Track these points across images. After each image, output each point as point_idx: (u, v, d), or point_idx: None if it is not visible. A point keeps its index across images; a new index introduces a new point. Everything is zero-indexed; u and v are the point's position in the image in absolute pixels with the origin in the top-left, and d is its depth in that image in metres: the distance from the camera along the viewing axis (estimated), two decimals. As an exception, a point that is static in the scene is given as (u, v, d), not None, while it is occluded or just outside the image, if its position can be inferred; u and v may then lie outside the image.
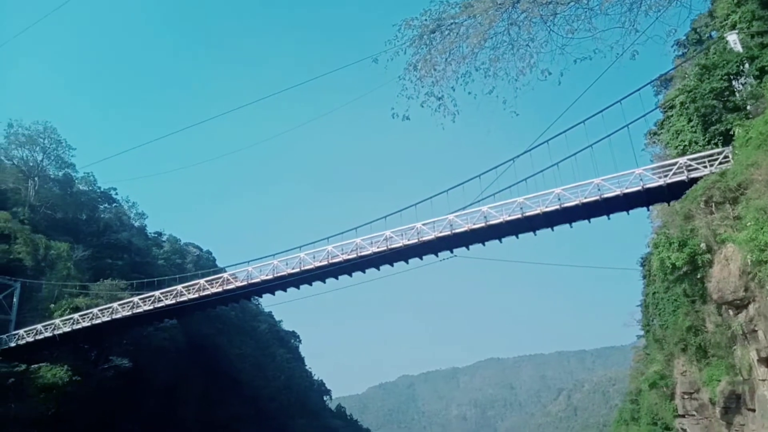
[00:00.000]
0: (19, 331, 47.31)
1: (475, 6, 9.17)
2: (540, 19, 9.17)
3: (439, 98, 9.85)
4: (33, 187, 73.77)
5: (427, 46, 9.61)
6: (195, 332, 73.15)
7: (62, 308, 51.00)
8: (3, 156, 77.02)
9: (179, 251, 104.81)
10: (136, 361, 54.60)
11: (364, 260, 39.96)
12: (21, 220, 61.63)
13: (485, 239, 38.37)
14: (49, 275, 55.51)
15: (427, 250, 39.57)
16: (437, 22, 9.44)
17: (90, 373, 49.85)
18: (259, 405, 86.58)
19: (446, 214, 37.88)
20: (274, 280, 41.36)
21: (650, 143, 44.25)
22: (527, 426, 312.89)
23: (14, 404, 40.45)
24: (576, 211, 34.67)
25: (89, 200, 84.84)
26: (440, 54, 9.55)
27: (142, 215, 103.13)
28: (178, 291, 43.53)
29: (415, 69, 9.71)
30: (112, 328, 47.60)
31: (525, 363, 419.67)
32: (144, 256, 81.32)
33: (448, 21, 9.41)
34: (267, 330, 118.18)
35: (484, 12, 9.09)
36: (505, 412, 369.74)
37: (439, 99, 9.85)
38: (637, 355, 63.87)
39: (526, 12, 9.11)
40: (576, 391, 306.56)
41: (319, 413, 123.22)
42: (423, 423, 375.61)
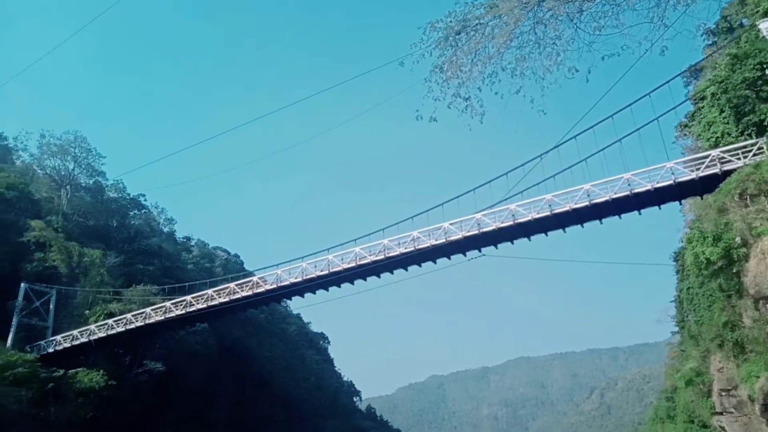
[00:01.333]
0: (57, 337, 48.47)
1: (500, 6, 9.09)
2: (566, 16, 9.05)
3: (465, 99, 9.79)
4: (65, 195, 75.42)
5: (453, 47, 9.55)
6: (226, 335, 74.00)
7: (97, 314, 52.04)
8: (36, 166, 79.07)
9: (208, 255, 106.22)
10: (169, 365, 55.42)
11: (392, 261, 40.03)
12: (55, 229, 62.98)
13: (514, 238, 38.11)
14: (83, 282, 56.65)
15: (455, 250, 39.41)
16: (462, 23, 9.38)
17: (125, 377, 50.77)
18: (291, 406, 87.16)
19: (473, 213, 37.73)
20: (303, 282, 41.63)
21: (681, 136, 43.37)
22: (559, 425, 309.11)
23: (54, 408, 41.43)
24: (606, 207, 34.20)
25: (119, 207, 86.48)
26: (466, 55, 9.48)
27: (171, 221, 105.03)
28: (209, 295, 44.13)
29: (441, 71, 9.66)
30: (146, 333, 48.48)
31: (556, 361, 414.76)
32: (174, 261, 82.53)
33: (473, 22, 9.34)
34: (296, 332, 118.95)
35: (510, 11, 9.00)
36: (537, 412, 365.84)
37: (465, 100, 9.80)
38: (672, 352, 62.66)
39: (552, 10, 8.98)
40: (609, 390, 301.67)
41: (350, 414, 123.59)
42: (453, 423, 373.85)
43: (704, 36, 42.23)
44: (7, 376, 39.67)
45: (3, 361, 40.58)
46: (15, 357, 42.27)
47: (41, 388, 41.42)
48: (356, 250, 40.53)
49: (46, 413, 40.61)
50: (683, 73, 41.92)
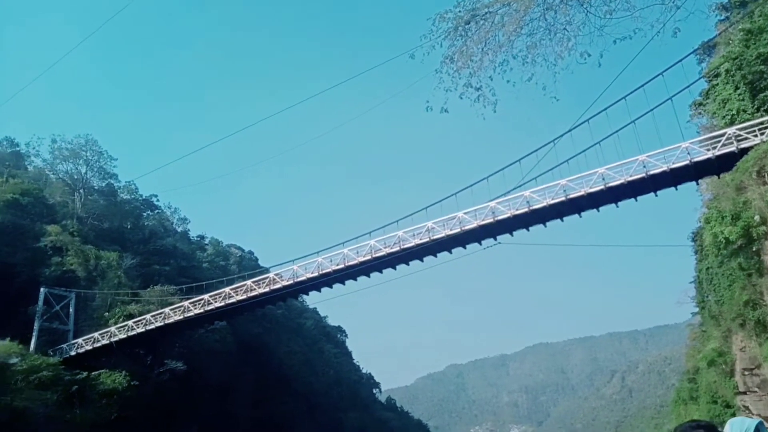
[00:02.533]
0: (78, 340, 49.08)
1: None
2: (576, 1, 8.91)
3: (477, 89, 9.66)
4: (79, 199, 76.05)
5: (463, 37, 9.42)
6: (244, 332, 74.50)
7: (116, 316, 52.61)
8: (49, 171, 79.77)
9: (222, 253, 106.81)
10: (189, 364, 55.93)
11: (408, 253, 40.09)
12: (71, 233, 63.61)
13: (529, 224, 38.01)
14: (101, 284, 57.24)
15: (470, 239, 39.36)
16: (471, 12, 9.26)
17: (147, 377, 51.31)
18: (311, 400, 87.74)
19: (487, 202, 37.60)
20: (320, 277, 41.77)
21: (696, 114, 42.80)
22: (581, 410, 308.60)
23: (79, 410, 41.97)
24: (621, 190, 33.97)
25: (133, 209, 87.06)
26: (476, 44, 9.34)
27: (184, 220, 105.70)
28: (227, 293, 44.42)
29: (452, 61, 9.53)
30: (165, 333, 48.94)
31: (575, 346, 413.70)
32: (189, 261, 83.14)
33: (482, 11, 9.22)
34: (313, 326, 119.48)
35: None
36: (558, 397, 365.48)
37: (477, 89, 9.67)
38: (693, 333, 62.14)
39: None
40: (630, 373, 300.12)
41: (370, 406, 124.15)
42: (474, 411, 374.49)
43: (717, 12, 41.55)
44: (33, 380, 40.23)
45: (27, 365, 41.14)
46: (39, 361, 42.85)
47: (66, 391, 42.01)
48: (371, 243, 40.59)
49: (71, 415, 41.16)
50: (696, 50, 41.29)
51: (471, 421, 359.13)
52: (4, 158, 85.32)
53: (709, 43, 41.04)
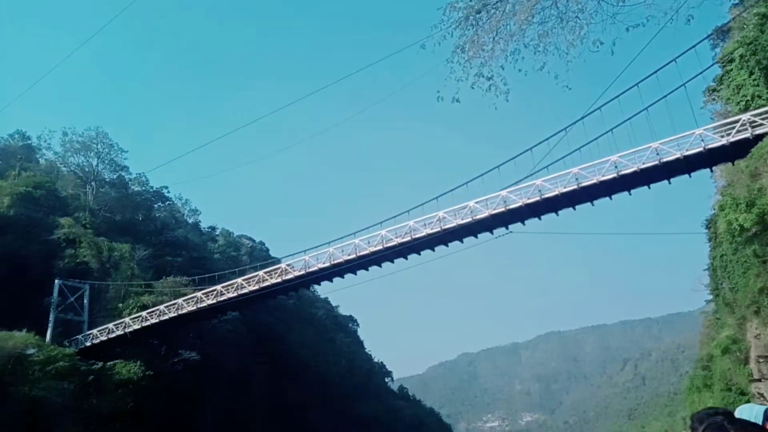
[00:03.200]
0: (93, 331, 49.61)
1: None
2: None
3: (488, 78, 9.59)
4: (91, 191, 76.68)
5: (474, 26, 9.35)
6: (256, 322, 74.98)
7: (130, 307, 53.16)
8: (60, 164, 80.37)
9: (233, 244, 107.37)
10: (203, 354, 56.42)
11: (419, 242, 40.13)
12: (83, 225, 64.17)
13: (541, 213, 37.88)
14: (114, 276, 57.80)
15: (482, 228, 39.29)
16: (482, 1, 9.19)
17: (161, 367, 51.84)
18: (324, 390, 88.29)
19: (499, 191, 37.46)
20: (331, 267, 41.91)
21: (709, 101, 42.19)
22: (594, 398, 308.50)
23: (95, 400, 42.57)
24: (634, 177, 33.76)
25: (144, 200, 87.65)
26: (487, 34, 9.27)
27: (195, 211, 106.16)
28: (239, 284, 44.66)
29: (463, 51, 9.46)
30: (179, 323, 49.33)
31: (588, 334, 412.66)
32: (201, 252, 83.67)
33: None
34: (325, 316, 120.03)
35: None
36: (570, 385, 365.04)
37: (488, 79, 9.60)
38: (707, 321, 61.77)
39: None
40: (643, 361, 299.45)
41: (383, 395, 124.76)
42: (486, 400, 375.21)
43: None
44: (50, 371, 40.81)
45: (44, 356, 41.74)
46: (55, 352, 43.45)
47: (82, 381, 42.59)
48: (382, 233, 40.63)
49: (88, 405, 41.78)
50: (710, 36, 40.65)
51: (483, 410, 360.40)
52: (16, 152, 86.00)
53: (722, 27, 40.35)
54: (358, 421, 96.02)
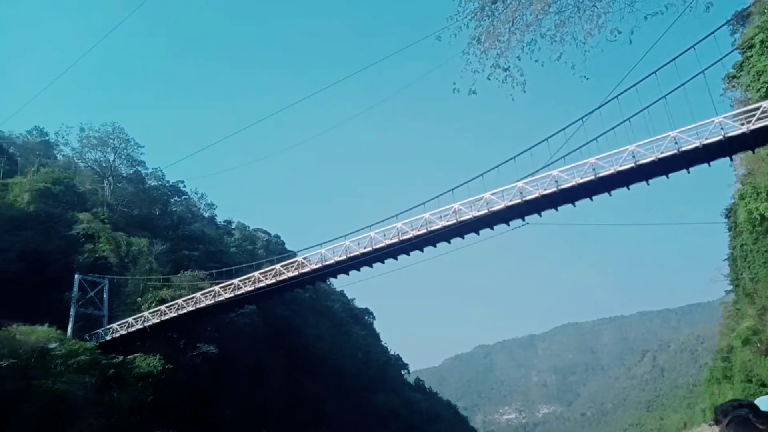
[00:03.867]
0: (113, 325, 50.08)
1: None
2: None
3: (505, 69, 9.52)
4: (108, 186, 77.32)
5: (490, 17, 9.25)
6: (273, 316, 75.33)
7: (149, 301, 53.57)
8: (78, 159, 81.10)
9: (249, 237, 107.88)
10: (221, 347, 56.82)
11: (434, 235, 39.94)
12: (102, 220, 64.74)
13: (558, 204, 37.49)
14: (132, 270, 58.29)
15: (498, 220, 38.98)
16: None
17: (180, 360, 52.29)
18: (341, 382, 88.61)
19: (515, 182, 37.10)
20: (347, 260, 41.83)
21: (729, 88, 41.49)
22: (611, 389, 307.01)
23: (116, 393, 43.00)
24: (652, 167, 33.27)
25: (160, 195, 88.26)
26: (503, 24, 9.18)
27: (211, 206, 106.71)
28: (256, 277, 44.75)
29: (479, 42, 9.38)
30: (197, 317, 49.61)
31: (605, 326, 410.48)
32: (217, 246, 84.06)
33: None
34: (341, 308, 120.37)
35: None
36: (587, 377, 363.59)
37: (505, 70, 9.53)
38: (727, 311, 61.15)
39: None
40: (661, 352, 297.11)
41: (399, 387, 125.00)
42: (503, 392, 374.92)
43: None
44: (71, 364, 41.28)
45: (66, 349, 42.22)
46: (76, 346, 43.92)
47: (103, 375, 43.02)
48: (398, 225, 40.45)
49: (109, 398, 42.22)
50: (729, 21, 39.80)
51: (500, 402, 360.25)
52: (34, 148, 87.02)
53: (743, 13, 39.53)
54: (375, 414, 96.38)
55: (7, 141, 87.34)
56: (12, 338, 38.86)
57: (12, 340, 38.69)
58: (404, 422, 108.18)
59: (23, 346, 39.00)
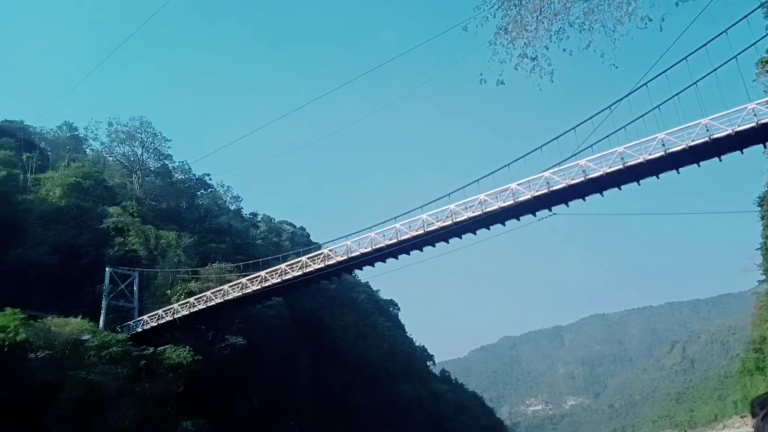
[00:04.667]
0: (143, 317, 50.95)
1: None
2: None
3: (533, 59, 9.44)
4: (137, 180, 78.55)
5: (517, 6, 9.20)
6: (299, 307, 75.87)
7: (177, 293, 54.28)
8: (106, 154, 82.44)
9: (275, 230, 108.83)
10: (248, 338, 57.31)
11: (460, 226, 39.76)
12: (131, 213, 65.73)
13: (585, 194, 37.02)
14: (161, 263, 59.09)
15: (524, 211, 38.63)
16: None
17: (209, 352, 52.95)
18: (366, 373, 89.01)
19: (542, 172, 36.64)
20: (373, 252, 41.86)
21: (762, 73, 40.41)
22: (640, 381, 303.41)
23: (147, 383, 43.70)
24: (683, 155, 32.67)
25: (187, 188, 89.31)
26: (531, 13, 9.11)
27: (237, 198, 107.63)
28: (282, 269, 45.05)
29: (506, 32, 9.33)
30: (225, 309, 50.21)
31: (633, 317, 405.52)
32: (244, 238, 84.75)
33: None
34: (366, 300, 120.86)
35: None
36: (615, 369, 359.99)
37: (533, 60, 9.45)
38: (759, 302, 59.81)
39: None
40: (691, 343, 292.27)
41: (425, 378, 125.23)
42: (529, 383, 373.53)
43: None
44: (104, 356, 42.08)
45: (98, 341, 43.03)
46: (109, 337, 44.73)
47: (134, 366, 43.73)
48: (423, 217, 40.34)
49: (141, 388, 42.93)
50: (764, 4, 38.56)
51: (526, 393, 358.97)
52: (64, 143, 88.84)
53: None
54: (401, 405, 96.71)
55: (38, 136, 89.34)
56: (47, 330, 39.76)
57: (47, 332, 39.59)
58: (430, 413, 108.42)
59: (58, 338, 39.88)
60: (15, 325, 37.18)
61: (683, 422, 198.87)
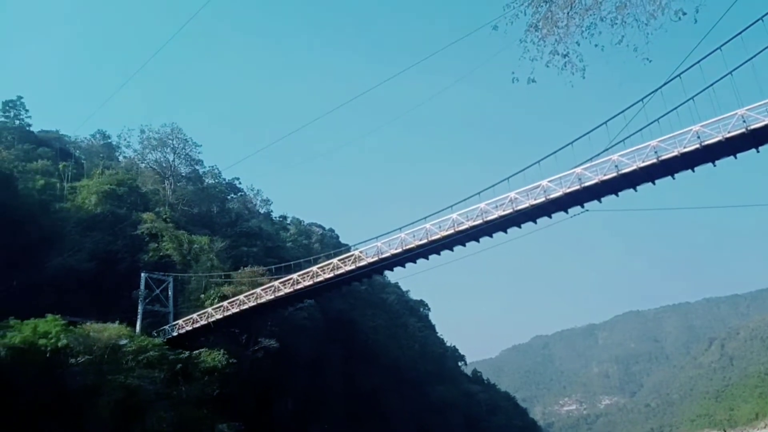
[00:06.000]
0: (179, 321, 51.69)
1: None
2: None
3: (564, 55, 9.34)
4: (169, 186, 79.74)
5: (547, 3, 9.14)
6: (330, 309, 76.23)
7: (211, 297, 55.00)
8: (139, 160, 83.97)
9: (304, 232, 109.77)
10: (281, 341, 57.78)
11: (490, 225, 39.25)
12: (164, 219, 66.90)
13: (618, 190, 36.28)
14: (195, 267, 59.99)
15: (556, 208, 38.02)
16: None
17: (243, 355, 53.59)
18: (398, 374, 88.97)
19: (573, 167, 36.04)
20: (404, 253, 41.62)
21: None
22: (677, 379, 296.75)
23: (184, 387, 44.41)
24: (719, 147, 31.79)
25: (218, 192, 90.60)
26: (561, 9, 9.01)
27: (267, 201, 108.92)
28: (314, 272, 45.17)
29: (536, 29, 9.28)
30: (258, 312, 50.52)
31: (668, 314, 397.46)
32: (274, 241, 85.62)
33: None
34: (396, 301, 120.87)
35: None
36: (651, 367, 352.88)
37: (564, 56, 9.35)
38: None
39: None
40: (730, 340, 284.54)
41: (456, 379, 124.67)
42: (562, 383, 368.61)
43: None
44: (141, 360, 42.91)
45: (136, 346, 43.89)
46: (145, 342, 45.56)
47: (171, 369, 44.47)
48: (453, 216, 39.95)
49: (178, 392, 43.63)
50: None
51: (559, 393, 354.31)
52: (98, 151, 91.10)
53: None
54: (434, 406, 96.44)
55: (73, 145, 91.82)
56: (87, 335, 40.68)
57: (87, 338, 40.50)
58: (463, 414, 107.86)
59: (97, 343, 40.78)
60: (56, 331, 38.08)
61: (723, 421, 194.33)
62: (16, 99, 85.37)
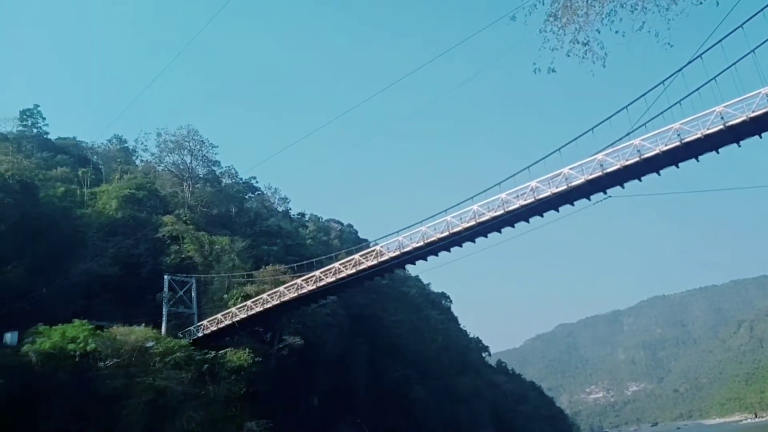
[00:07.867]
0: (203, 322, 52.00)
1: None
2: None
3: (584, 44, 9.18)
4: (187, 188, 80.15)
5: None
6: (353, 304, 76.19)
7: (234, 297, 55.18)
8: (156, 164, 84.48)
9: (323, 229, 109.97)
10: (305, 338, 57.97)
11: (512, 215, 38.76)
12: (184, 221, 67.33)
13: (641, 175, 35.66)
14: (217, 268, 60.28)
15: (578, 195, 37.40)
16: None
17: (268, 353, 53.83)
18: (422, 367, 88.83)
19: (594, 154, 35.41)
20: (425, 246, 41.35)
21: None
22: (705, 363, 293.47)
23: (211, 387, 44.71)
24: (744, 127, 31.06)
25: (236, 192, 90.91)
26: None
27: (285, 199, 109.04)
28: (336, 268, 45.10)
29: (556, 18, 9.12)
30: (282, 311, 50.65)
31: (695, 297, 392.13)
32: (294, 239, 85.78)
33: (586, -39, 8.58)
34: (417, 294, 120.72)
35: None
36: (678, 352, 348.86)
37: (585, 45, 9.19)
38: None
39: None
40: (759, 322, 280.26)
41: (481, 370, 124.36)
42: (588, 370, 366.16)
43: None
44: (168, 361, 43.34)
45: (162, 348, 44.33)
46: (172, 343, 45.99)
47: (198, 370, 44.83)
48: (474, 208, 39.52)
49: (205, 392, 43.94)
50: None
51: (585, 381, 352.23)
52: (115, 155, 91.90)
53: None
54: (460, 397, 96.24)
55: (90, 151, 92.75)
56: (114, 339, 41.19)
57: (114, 341, 41.02)
58: (490, 404, 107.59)
59: (124, 346, 41.31)
60: (84, 336, 38.62)
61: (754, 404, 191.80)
62: (33, 108, 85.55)
